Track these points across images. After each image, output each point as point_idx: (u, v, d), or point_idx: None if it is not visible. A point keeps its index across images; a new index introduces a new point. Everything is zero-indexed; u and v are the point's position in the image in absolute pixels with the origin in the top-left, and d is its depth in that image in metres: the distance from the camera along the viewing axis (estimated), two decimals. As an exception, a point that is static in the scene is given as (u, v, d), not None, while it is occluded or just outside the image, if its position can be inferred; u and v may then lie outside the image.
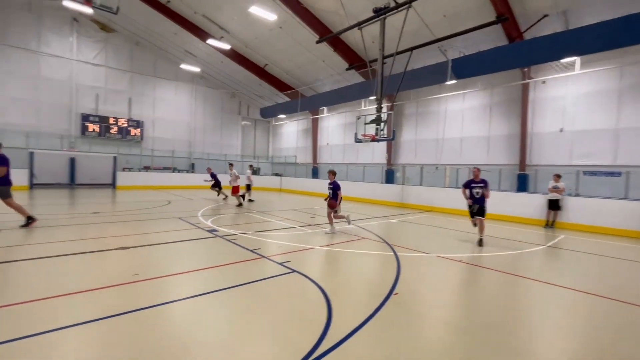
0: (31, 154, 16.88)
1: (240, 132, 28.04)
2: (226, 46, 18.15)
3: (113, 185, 19.32)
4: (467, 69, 13.10)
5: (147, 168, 21.71)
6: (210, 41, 17.62)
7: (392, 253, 6.23)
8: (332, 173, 8.23)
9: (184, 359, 2.56)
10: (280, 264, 5.17)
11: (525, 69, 13.57)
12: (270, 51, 19.14)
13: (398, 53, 11.51)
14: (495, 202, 11.82)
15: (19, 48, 17.91)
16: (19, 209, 7.19)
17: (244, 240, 6.74)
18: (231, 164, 14.19)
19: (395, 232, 8.71)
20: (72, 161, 18.50)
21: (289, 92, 22.52)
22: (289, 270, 4.84)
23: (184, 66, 21.96)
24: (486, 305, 3.97)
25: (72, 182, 18.45)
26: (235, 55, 19.86)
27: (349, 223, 8.38)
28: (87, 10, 13.72)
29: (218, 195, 15.87)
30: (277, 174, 26.09)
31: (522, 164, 14.07)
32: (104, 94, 20.72)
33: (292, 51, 18.43)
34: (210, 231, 7.58)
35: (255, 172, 26.96)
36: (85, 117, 19.79)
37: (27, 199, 12.76)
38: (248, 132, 28.92)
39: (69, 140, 19.38)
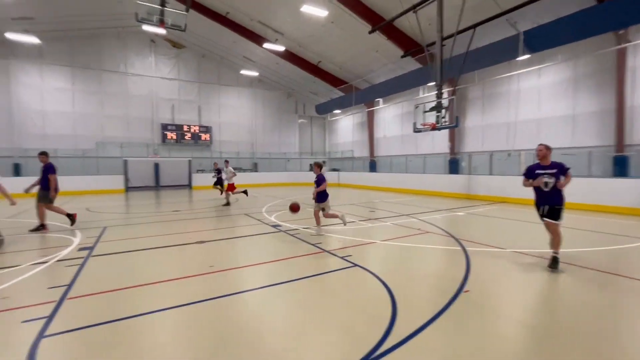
0: (125, 161, 19.67)
1: (297, 131, 28.89)
2: (281, 48, 18.80)
3: (189, 185, 21.54)
4: (543, 40, 11.56)
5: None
6: (266, 45, 18.42)
7: (460, 248, 5.85)
8: (318, 165, 7.23)
9: (258, 345, 2.75)
10: (342, 257, 5.22)
11: (621, 31, 11.46)
12: (323, 47, 19.28)
13: (459, 32, 10.67)
14: (585, 190, 10.29)
15: (112, 71, 20.92)
16: (60, 212, 7.90)
17: (306, 235, 6.95)
18: (227, 161, 13.41)
19: (462, 226, 8.16)
20: (157, 166, 21.10)
21: (342, 86, 22.47)
22: (351, 265, 4.87)
23: (243, 72, 23.35)
24: (576, 307, 3.50)
25: (157, 185, 21.06)
26: (289, 56, 20.45)
27: (345, 224, 7.36)
28: (161, 31, 15.41)
29: (221, 194, 14.65)
30: (334, 169, 26.31)
31: (620, 144, 11.97)
32: (178, 105, 23.14)
33: (344, 45, 18.32)
34: (274, 226, 7.98)
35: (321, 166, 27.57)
36: (164, 127, 22.34)
37: (123, 200, 14.93)
38: (305, 129, 29.64)
39: (153, 147, 22.10)
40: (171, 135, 22.53)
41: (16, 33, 16.59)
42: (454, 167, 17.74)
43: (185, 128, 23.01)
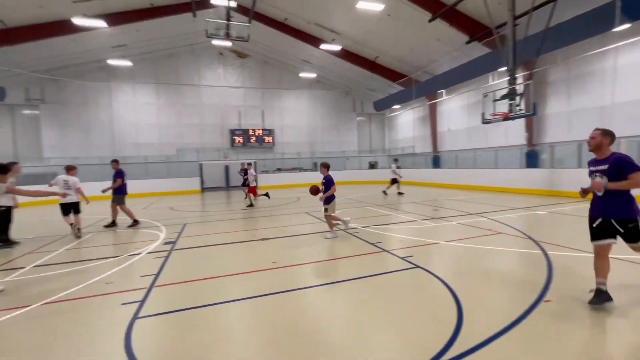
0: (200, 165, 21.84)
1: (355, 129, 28.74)
2: (337, 47, 18.89)
3: (255, 186, 22.97)
4: (648, 4, 9.61)
5: (279, 169, 24.94)
6: (323, 46, 18.69)
7: (540, 251, 5.20)
8: (325, 166, 6.92)
9: (317, 340, 2.83)
10: (403, 258, 5.05)
11: None
12: (380, 42, 18.84)
13: (535, 8, 9.46)
14: None
15: (188, 85, 23.39)
16: (129, 213, 8.79)
17: (365, 234, 6.89)
18: (249, 164, 13.37)
19: (543, 226, 7.24)
20: (227, 168, 22.97)
21: (401, 80, 21.66)
22: (412, 266, 4.69)
23: (302, 74, 24.05)
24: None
25: (227, 185, 22.94)
26: (346, 54, 20.44)
27: (347, 227, 7.06)
28: (228, 43, 16.73)
29: (245, 197, 13.58)
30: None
31: None
32: (244, 111, 24.85)
33: (402, 37, 17.64)
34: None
35: (373, 166, 27.14)
36: (232, 132, 24.20)
37: (199, 200, 16.59)
38: (363, 127, 29.34)
39: (223, 151, 24.11)
40: (238, 139, 24.29)
41: (115, 59, 19.60)
42: (532, 160, 15.81)
43: (250, 132, 24.61)
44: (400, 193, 14.87)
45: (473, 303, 3.41)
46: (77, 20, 14.09)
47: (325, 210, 6.75)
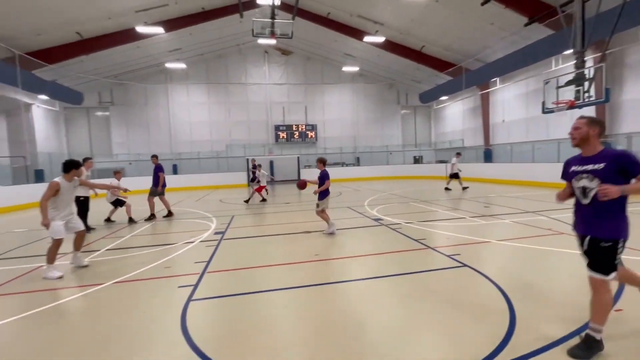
0: (247, 160, 22.83)
1: (399, 122, 27.91)
2: (381, 39, 18.42)
3: (298, 180, 23.47)
4: None
5: (321, 164, 25.16)
6: (366, 38, 18.35)
7: (611, 255, 4.64)
8: (321, 161, 6.76)
9: (359, 334, 2.84)
10: (449, 256, 4.84)
11: None
12: (427, 31, 17.98)
13: (610, -19, 8.33)
14: None
15: (235, 84, 24.50)
16: (152, 207, 9.41)
17: (409, 230, 6.71)
18: (260, 165, 13.32)
19: (615, 227, 6.42)
20: (272, 163, 23.76)
21: (450, 70, 20.50)
22: (459, 264, 4.47)
23: (345, 69, 23.87)
24: None
25: (271, 180, 23.70)
26: (390, 46, 19.85)
27: (330, 233, 6.64)
28: (272, 41, 17.16)
29: (252, 194, 13.20)
30: (441, 161, 24.38)
31: None
32: (287, 107, 25.41)
33: (451, 23, 16.64)
34: (376, 220, 7.98)
35: (418, 160, 26.16)
36: (277, 127, 24.90)
37: (246, 193, 17.39)
38: (408, 120, 28.38)
39: (268, 147, 24.94)
40: (282, 135, 24.94)
41: (171, 62, 21.18)
42: (603, 153, 14.05)
43: (294, 128, 25.12)
44: (464, 188, 13.94)
45: (528, 307, 3.17)
46: (140, 28, 15.45)
47: (317, 205, 6.71)
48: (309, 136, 25.34)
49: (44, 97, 18.22)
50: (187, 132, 24.05)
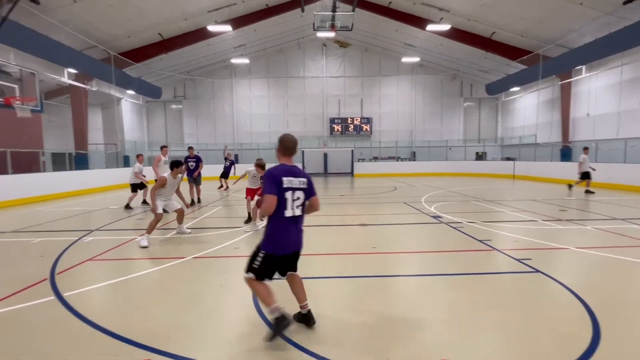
0: (303, 152, 23.51)
1: (462, 115, 26.18)
2: (446, 27, 17.35)
3: (351, 173, 23.52)
4: None
5: (375, 158, 24.84)
6: (429, 27, 17.43)
7: None
8: (261, 166, 6.34)
9: (415, 332, 2.87)
10: (518, 260, 4.54)
11: None
12: (499, 16, 16.47)
13: None
14: None
15: (294, 77, 25.18)
16: (199, 193, 10.31)
17: (471, 230, 6.39)
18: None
19: None
20: (325, 155, 24.13)
21: (524, 58, 18.55)
22: (531, 270, 4.17)
23: (404, 59, 23.01)
24: None
25: (325, 171, 24.14)
26: (455, 33, 18.59)
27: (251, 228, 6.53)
28: (331, 34, 17.25)
29: (222, 187, 14.21)
30: (508, 158, 22.41)
31: None
32: (343, 99, 25.42)
33: (529, 6, 15.00)
34: (435, 217, 7.72)
35: (481, 156, 24.36)
36: (332, 120, 25.10)
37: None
38: (471, 113, 26.49)
39: (322, 139, 25.31)
40: (337, 127, 25.08)
41: (236, 58, 22.50)
42: None
43: (349, 120, 25.08)
44: (588, 192, 11.62)
45: (614, 322, 2.87)
46: (211, 27, 16.66)
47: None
48: (364, 129, 25.09)
49: (131, 92, 20.73)
50: (247, 123, 25.48)
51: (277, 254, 2.68)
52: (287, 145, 2.73)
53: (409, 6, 17.48)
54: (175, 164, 5.76)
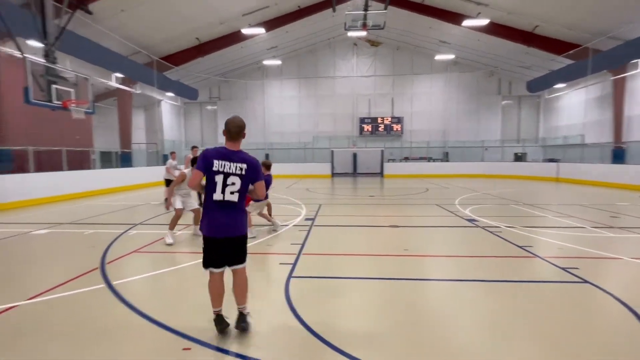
0: (332, 152, 23.54)
1: (499, 114, 24.91)
2: (484, 22, 16.57)
3: (381, 174, 23.20)
4: None
5: (406, 158, 24.30)
6: (466, 22, 16.76)
7: None
8: (266, 166, 6.11)
9: (449, 338, 2.78)
10: (563, 269, 4.25)
11: None
12: (544, 8, 15.45)
13: None
14: None
15: (324, 77, 25.27)
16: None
17: (510, 235, 6.08)
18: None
19: None
20: (355, 155, 23.99)
21: (571, 52, 17.28)
22: (578, 280, 3.90)
23: (438, 57, 22.30)
24: None
25: (354, 172, 24.00)
26: (493, 29, 17.71)
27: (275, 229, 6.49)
28: (363, 33, 17.09)
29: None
30: (551, 160, 20.98)
31: None
32: (373, 99, 25.13)
33: (578, -3, 13.95)
34: (470, 220, 7.42)
35: (520, 158, 23.02)
36: (362, 120, 24.89)
37: (330, 183, 18.00)
38: (510, 112, 25.13)
39: (352, 139, 25.18)
40: (367, 127, 24.83)
41: (268, 60, 22.99)
42: None
43: (379, 120, 24.74)
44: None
45: (678, 341, 2.61)
46: (245, 30, 17.16)
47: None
48: (395, 129, 24.62)
49: (170, 94, 21.87)
50: (278, 123, 25.94)
51: (208, 236, 2.68)
52: (229, 129, 2.65)
53: (443, 2, 16.92)
54: (195, 161, 5.75)
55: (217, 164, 2.57)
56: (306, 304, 3.32)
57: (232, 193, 2.60)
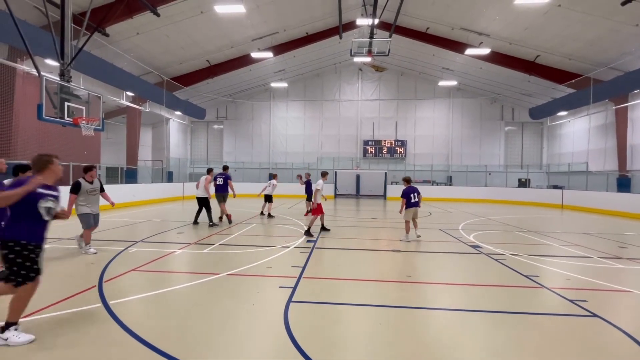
0: (335, 173, 23.63)
1: (502, 140, 25.06)
2: (485, 51, 17.07)
3: (384, 196, 23.11)
4: None
5: (409, 181, 24.26)
6: (468, 51, 17.26)
7: None
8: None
9: (459, 367, 2.67)
10: (571, 301, 4.13)
11: None
12: (544, 39, 15.92)
13: None
14: None
15: (329, 100, 25.80)
16: (224, 211, 9.82)
17: (515, 263, 5.95)
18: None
19: None
20: (358, 177, 24.04)
21: (572, 81, 17.59)
22: (587, 313, 3.77)
23: (441, 83, 22.80)
24: None
25: (357, 193, 23.95)
26: (495, 57, 18.19)
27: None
28: (368, 59, 17.62)
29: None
30: (555, 187, 20.86)
31: None
32: (377, 122, 25.49)
33: (578, 29, 14.38)
34: (474, 247, 7.31)
35: (524, 184, 22.94)
36: (366, 142, 25.14)
37: (333, 204, 17.93)
38: (513, 138, 25.30)
39: (356, 161, 25.33)
40: (371, 149, 25.04)
41: (275, 82, 23.61)
42: None
43: (383, 143, 24.98)
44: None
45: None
46: (254, 54, 17.76)
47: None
48: (398, 152, 24.79)
49: (178, 113, 22.37)
50: (283, 144, 26.25)
51: None
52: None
53: (446, 31, 17.48)
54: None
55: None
56: (305, 330, 3.23)
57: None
